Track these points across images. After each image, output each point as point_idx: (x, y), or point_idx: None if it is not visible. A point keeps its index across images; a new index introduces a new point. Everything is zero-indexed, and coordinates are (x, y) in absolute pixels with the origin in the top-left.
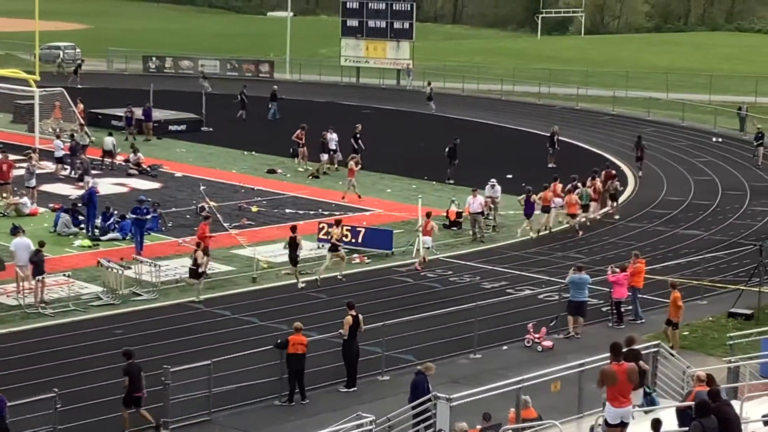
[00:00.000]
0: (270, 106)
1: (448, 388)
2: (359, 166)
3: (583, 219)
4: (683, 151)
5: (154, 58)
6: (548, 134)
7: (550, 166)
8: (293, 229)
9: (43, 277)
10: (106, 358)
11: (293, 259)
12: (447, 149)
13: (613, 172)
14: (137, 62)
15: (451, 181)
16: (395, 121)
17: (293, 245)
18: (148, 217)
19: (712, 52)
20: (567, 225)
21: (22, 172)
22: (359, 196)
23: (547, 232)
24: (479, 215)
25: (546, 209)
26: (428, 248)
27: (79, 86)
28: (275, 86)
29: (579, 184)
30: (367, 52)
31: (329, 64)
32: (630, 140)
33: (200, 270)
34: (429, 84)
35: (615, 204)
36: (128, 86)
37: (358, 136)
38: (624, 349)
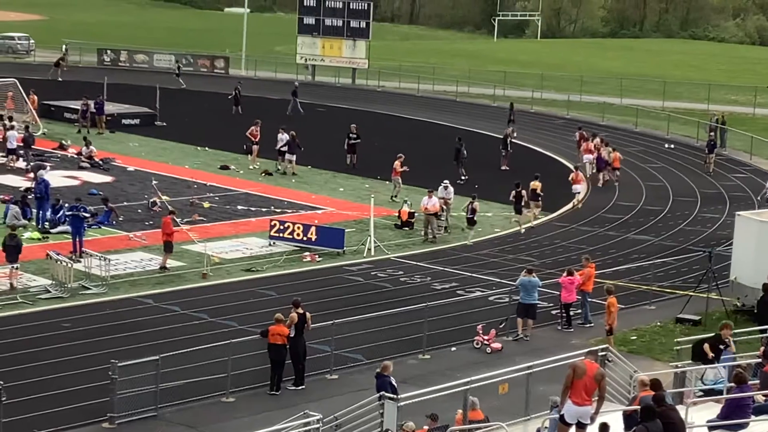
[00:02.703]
0: (291, 101)
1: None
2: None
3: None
4: (636, 156)
5: (108, 51)
6: (501, 136)
7: (503, 168)
8: (517, 185)
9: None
10: (53, 352)
11: (518, 210)
12: (461, 150)
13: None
14: (92, 55)
15: (464, 178)
16: (349, 120)
17: (518, 198)
18: (86, 215)
19: (666, 58)
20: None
21: None
22: (392, 197)
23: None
24: (433, 216)
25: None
26: (579, 193)
27: (59, 79)
28: (296, 83)
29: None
30: (323, 50)
31: (285, 61)
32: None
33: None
34: (177, 62)
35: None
36: (82, 78)
37: (352, 136)
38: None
